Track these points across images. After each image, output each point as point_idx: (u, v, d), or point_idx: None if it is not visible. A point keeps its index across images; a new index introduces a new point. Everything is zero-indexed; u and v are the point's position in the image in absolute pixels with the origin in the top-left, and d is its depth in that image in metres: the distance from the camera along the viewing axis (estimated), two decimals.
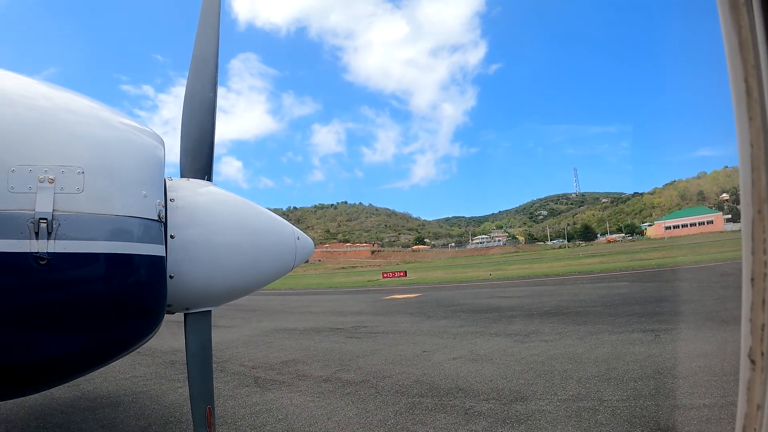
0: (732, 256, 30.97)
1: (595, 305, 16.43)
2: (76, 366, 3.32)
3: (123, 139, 3.39)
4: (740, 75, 1.19)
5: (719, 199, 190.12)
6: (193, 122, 4.21)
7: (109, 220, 3.02)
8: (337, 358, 10.58)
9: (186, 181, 4.00)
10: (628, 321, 12.46)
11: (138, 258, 3.16)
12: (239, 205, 4.22)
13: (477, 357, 9.72)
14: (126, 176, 3.20)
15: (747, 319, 1.22)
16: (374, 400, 7.14)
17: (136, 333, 3.45)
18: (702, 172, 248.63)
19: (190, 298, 3.78)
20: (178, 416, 6.72)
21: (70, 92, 3.41)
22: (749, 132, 1.18)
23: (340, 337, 13.73)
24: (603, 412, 5.98)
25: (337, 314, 20.32)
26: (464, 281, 38.99)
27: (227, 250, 3.91)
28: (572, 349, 9.70)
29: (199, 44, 4.34)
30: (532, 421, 5.86)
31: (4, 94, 3.01)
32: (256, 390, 8.09)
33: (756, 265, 1.19)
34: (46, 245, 2.73)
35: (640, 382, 7.00)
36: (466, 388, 7.50)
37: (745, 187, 1.20)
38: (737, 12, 1.20)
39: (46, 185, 2.79)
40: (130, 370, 9.83)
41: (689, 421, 5.47)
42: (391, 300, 25.78)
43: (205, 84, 4.28)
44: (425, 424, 6.04)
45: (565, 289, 23.71)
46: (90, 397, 7.86)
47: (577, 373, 7.82)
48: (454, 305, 20.38)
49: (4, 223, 2.67)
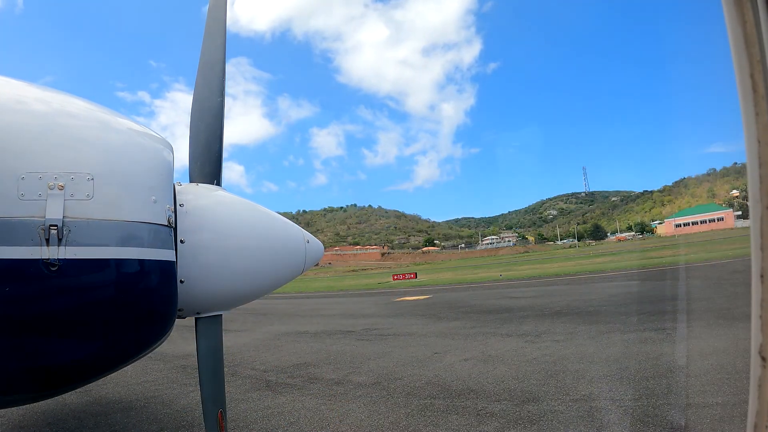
0: (743, 253, 30.63)
1: (606, 304, 16.34)
2: (88, 371, 3.33)
3: (132, 144, 3.41)
4: (746, 71, 1.18)
5: (729, 195, 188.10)
6: (202, 127, 4.22)
7: (119, 226, 3.04)
8: (349, 360, 10.58)
9: (195, 186, 4.01)
10: (640, 320, 12.37)
11: (148, 263, 3.18)
12: (248, 209, 4.23)
13: (488, 358, 9.69)
14: (135, 182, 3.22)
15: (757, 317, 1.21)
16: (386, 402, 7.13)
17: (148, 338, 3.47)
18: (712, 169, 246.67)
19: (200, 302, 3.79)
20: (189, 420, 6.74)
21: (78, 98, 3.44)
22: (756, 128, 1.18)
23: (351, 339, 13.72)
24: (615, 411, 5.94)
25: (348, 317, 20.30)
26: (475, 282, 38.85)
27: (237, 254, 3.92)
28: (584, 349, 9.64)
29: (206, 50, 4.36)
30: (544, 422, 5.83)
31: (12, 101, 3.04)
32: (267, 393, 8.10)
33: (765, 262, 1.18)
34: (56, 251, 2.75)
35: (652, 381, 6.95)
36: (477, 389, 7.48)
37: (753, 183, 1.19)
38: (742, 7, 1.19)
39: (56, 192, 2.81)
40: (142, 374, 9.87)
41: (701, 419, 5.41)
42: (402, 302, 25.72)
43: (213, 89, 4.29)
44: (437, 426, 6.02)
45: (575, 289, 23.58)
46: (102, 402, 7.90)
47: (588, 373, 7.78)
48: (465, 306, 20.32)
49: (15, 230, 2.69)
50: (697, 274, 23.17)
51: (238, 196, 4.26)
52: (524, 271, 47.24)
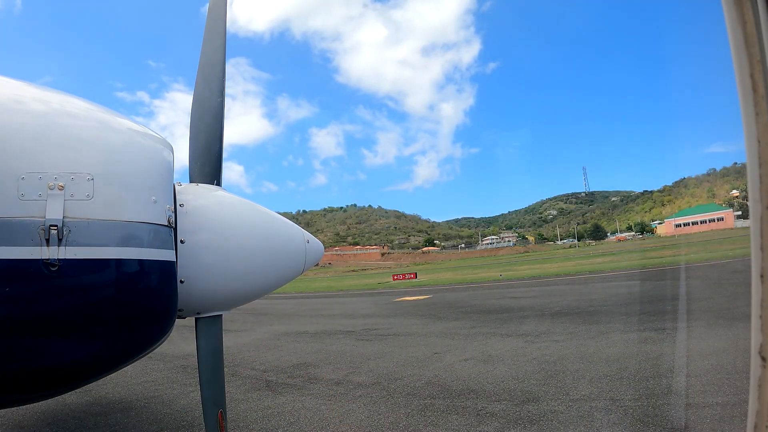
0: (743, 253, 30.62)
1: (606, 304, 16.35)
2: (88, 371, 3.33)
3: (132, 144, 3.41)
4: (746, 71, 1.18)
5: (729, 195, 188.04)
6: (202, 127, 4.21)
7: (119, 226, 3.03)
8: (349, 360, 10.58)
9: (195, 186, 4.01)
10: (640, 320, 12.37)
11: (148, 263, 3.17)
12: (248, 209, 4.22)
13: (488, 358, 9.69)
14: (135, 182, 3.21)
15: (757, 317, 1.21)
16: (386, 403, 7.13)
17: (148, 338, 3.47)
18: (712, 169, 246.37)
19: (200, 302, 3.79)
20: (189, 420, 6.75)
21: (77, 98, 3.43)
22: (756, 128, 1.18)
23: (351, 339, 13.73)
24: (615, 411, 5.94)
25: (348, 317, 20.31)
26: (475, 282, 38.84)
27: (237, 254, 3.92)
28: (584, 349, 9.64)
29: (206, 50, 4.36)
30: (544, 422, 5.83)
31: (12, 101, 3.04)
32: (267, 393, 8.10)
33: (765, 262, 1.18)
34: (56, 252, 2.74)
35: (652, 381, 6.95)
36: (477, 389, 7.48)
37: (753, 184, 1.19)
38: (742, 7, 1.19)
39: (56, 192, 2.80)
40: (142, 375, 9.87)
41: (701, 419, 5.41)
42: (402, 302, 25.73)
43: (213, 89, 4.28)
44: (437, 426, 6.03)
45: (575, 289, 23.59)
46: (102, 402, 7.90)
47: (589, 373, 7.78)
48: (465, 306, 20.33)
49: (15, 230, 2.69)
50: (697, 274, 23.17)
51: (238, 196, 4.26)
52: (524, 271, 47.23)
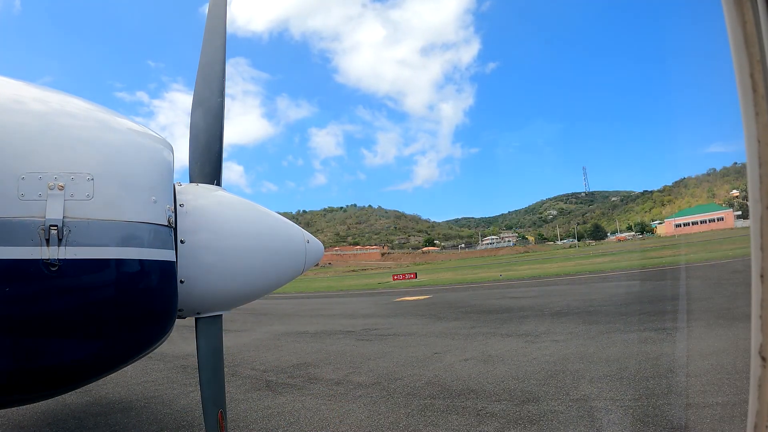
0: (743, 253, 30.62)
1: (606, 304, 16.35)
2: (88, 371, 3.33)
3: (132, 144, 3.41)
4: (746, 70, 1.18)
5: (729, 195, 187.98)
6: (202, 127, 4.21)
7: (119, 226, 3.04)
8: (349, 360, 10.58)
9: (195, 186, 4.01)
10: (640, 320, 12.36)
11: (148, 263, 3.17)
12: (249, 209, 4.22)
13: (488, 358, 9.69)
14: (136, 182, 3.21)
15: (757, 317, 1.21)
16: (386, 403, 7.13)
17: (148, 338, 3.47)
18: (712, 169, 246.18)
19: (200, 302, 3.79)
20: (190, 420, 6.74)
21: (77, 98, 3.43)
22: (756, 128, 1.18)
23: (351, 339, 13.72)
24: (615, 411, 5.94)
25: (348, 317, 20.30)
26: (475, 282, 38.82)
27: (237, 254, 3.92)
28: (584, 349, 9.64)
29: (206, 50, 4.36)
30: (544, 422, 5.82)
31: (11, 102, 3.04)
32: (267, 393, 8.10)
33: (765, 262, 1.18)
34: (56, 252, 2.75)
35: (653, 381, 6.95)
36: (477, 389, 7.48)
37: (753, 183, 1.19)
38: (742, 7, 1.19)
39: (56, 192, 2.80)
40: (142, 375, 9.87)
41: (701, 419, 5.41)
42: (402, 302, 25.72)
43: (213, 89, 4.28)
44: (437, 426, 6.02)
45: (575, 289, 23.59)
46: (102, 402, 7.90)
47: (589, 373, 7.78)
48: (465, 306, 20.32)
49: (15, 230, 2.69)
50: (697, 274, 23.17)
51: (238, 196, 4.26)
52: (524, 271, 47.22)
